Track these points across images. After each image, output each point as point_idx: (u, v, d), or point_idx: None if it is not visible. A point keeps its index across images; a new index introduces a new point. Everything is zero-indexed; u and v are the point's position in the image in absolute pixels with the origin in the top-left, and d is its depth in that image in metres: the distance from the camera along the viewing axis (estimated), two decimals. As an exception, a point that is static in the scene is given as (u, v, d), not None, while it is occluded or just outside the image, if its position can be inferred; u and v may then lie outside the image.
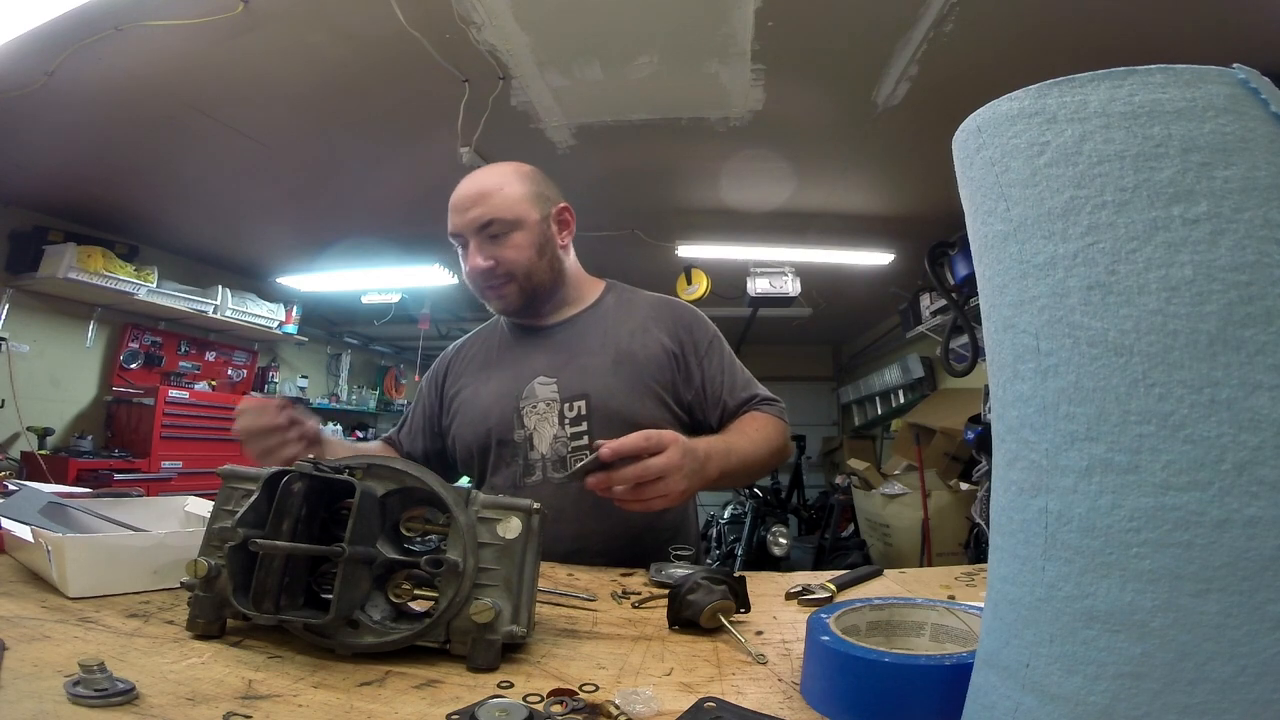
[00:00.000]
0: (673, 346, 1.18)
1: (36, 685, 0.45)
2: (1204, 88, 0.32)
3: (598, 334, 1.19)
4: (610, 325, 1.20)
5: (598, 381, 1.12)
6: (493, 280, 1.13)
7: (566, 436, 1.10)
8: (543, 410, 1.13)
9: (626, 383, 1.13)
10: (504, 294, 1.15)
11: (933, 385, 4.77)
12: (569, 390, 1.12)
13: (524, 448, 1.12)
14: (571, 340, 1.19)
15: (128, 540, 0.71)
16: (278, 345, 5.31)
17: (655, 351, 1.17)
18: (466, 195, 1.13)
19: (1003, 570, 0.36)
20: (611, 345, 1.17)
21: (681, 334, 1.20)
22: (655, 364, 1.16)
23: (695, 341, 1.20)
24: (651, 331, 1.19)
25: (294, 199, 3.44)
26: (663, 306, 1.25)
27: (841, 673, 0.47)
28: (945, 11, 1.89)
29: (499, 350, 1.24)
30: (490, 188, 1.13)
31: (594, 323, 1.21)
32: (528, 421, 1.13)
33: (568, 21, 2.03)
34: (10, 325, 3.49)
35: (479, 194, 1.12)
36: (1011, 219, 0.36)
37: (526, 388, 1.15)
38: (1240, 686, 0.28)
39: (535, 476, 1.11)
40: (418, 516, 0.62)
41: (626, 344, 1.17)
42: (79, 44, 2.02)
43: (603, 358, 1.15)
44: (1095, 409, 0.32)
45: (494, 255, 1.12)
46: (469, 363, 1.26)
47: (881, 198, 3.31)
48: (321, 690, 0.49)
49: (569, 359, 1.16)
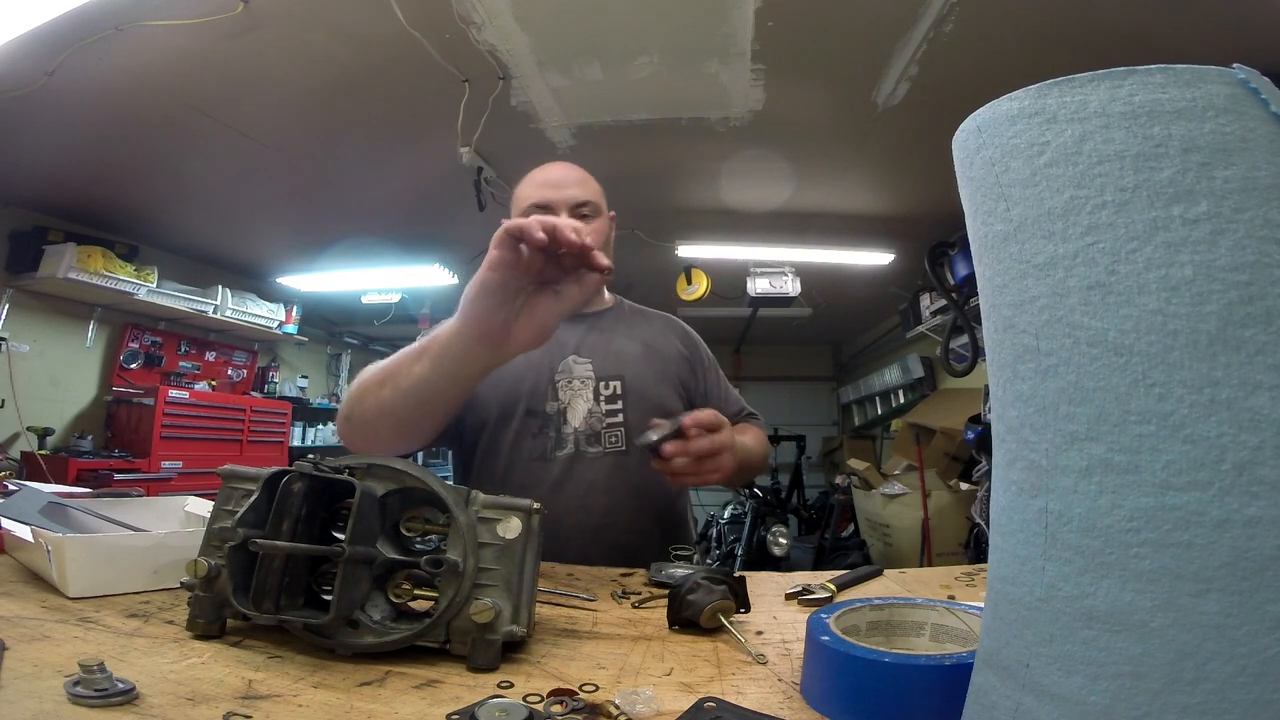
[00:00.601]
0: (687, 354, 1.31)
1: (36, 685, 0.45)
2: (1204, 88, 0.32)
3: (624, 329, 1.28)
4: (633, 324, 1.31)
5: (632, 367, 1.20)
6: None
7: (602, 413, 1.16)
8: (577, 386, 1.17)
9: (656, 372, 1.22)
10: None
11: (933, 385, 4.77)
12: (605, 370, 1.18)
13: (556, 420, 1.14)
14: (600, 329, 1.25)
15: (128, 540, 0.71)
16: (278, 345, 5.31)
17: (674, 353, 1.29)
18: (563, 175, 1.20)
19: (1003, 570, 0.36)
20: (638, 340, 1.26)
21: (691, 347, 1.34)
22: (675, 362, 1.27)
23: (700, 356, 1.34)
24: (670, 338, 1.32)
25: (294, 199, 3.44)
26: (674, 321, 1.38)
27: (841, 673, 0.47)
28: (945, 11, 1.90)
29: None
30: (584, 177, 1.22)
31: (618, 320, 1.30)
32: (562, 395, 1.16)
33: (568, 21, 2.03)
34: (10, 325, 3.49)
35: (581, 178, 1.21)
36: (1011, 219, 0.36)
37: (562, 363, 1.18)
38: (1240, 686, 0.28)
39: (567, 449, 1.13)
40: (418, 516, 0.62)
41: (651, 341, 1.27)
42: (79, 44, 2.02)
43: (634, 346, 1.23)
44: (1095, 409, 0.32)
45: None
46: None
47: (881, 198, 3.31)
48: (321, 690, 0.49)
49: (602, 343, 1.22)
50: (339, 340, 6.14)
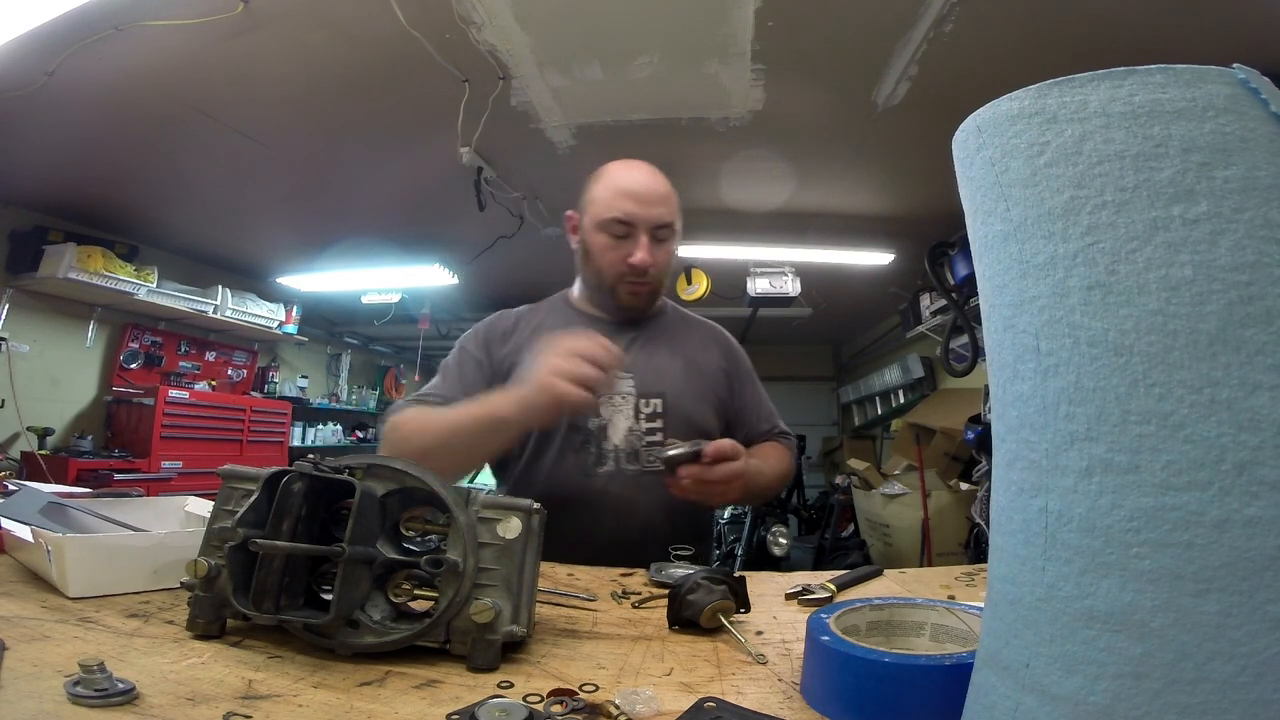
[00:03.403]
0: (726, 367, 1.29)
1: (36, 685, 0.45)
2: (1204, 88, 0.32)
3: (667, 340, 1.26)
4: (675, 336, 1.28)
5: (672, 384, 1.19)
6: (641, 277, 1.16)
7: (641, 431, 1.15)
8: (619, 403, 1.16)
9: (695, 390, 1.21)
10: (639, 292, 1.19)
11: (933, 385, 4.76)
12: (645, 387, 1.17)
13: (597, 436, 1.14)
14: (644, 341, 1.24)
15: (128, 540, 0.71)
16: (278, 345, 5.31)
17: (715, 368, 1.27)
18: (649, 187, 1.16)
19: (1003, 570, 0.36)
20: (680, 354, 1.24)
21: (731, 359, 1.32)
22: (714, 378, 1.26)
23: (739, 369, 1.32)
24: (711, 350, 1.30)
25: (294, 199, 3.44)
26: (716, 330, 1.37)
27: (841, 673, 0.47)
28: (945, 11, 1.89)
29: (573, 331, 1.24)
30: (669, 191, 1.18)
31: (662, 330, 1.28)
32: (604, 411, 1.15)
33: (568, 21, 2.03)
34: (10, 325, 3.49)
35: (666, 194, 1.17)
36: (1011, 219, 0.36)
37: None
38: (1240, 686, 0.28)
39: (608, 466, 1.13)
40: (418, 516, 0.62)
41: (693, 356, 1.25)
42: (79, 44, 2.02)
43: (675, 364, 1.22)
44: (1095, 409, 0.32)
45: (656, 256, 1.16)
46: (534, 333, 1.23)
47: (881, 198, 3.31)
48: (321, 690, 0.49)
49: (644, 358, 1.20)
50: (339, 340, 6.14)
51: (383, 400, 6.80)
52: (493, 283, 4.52)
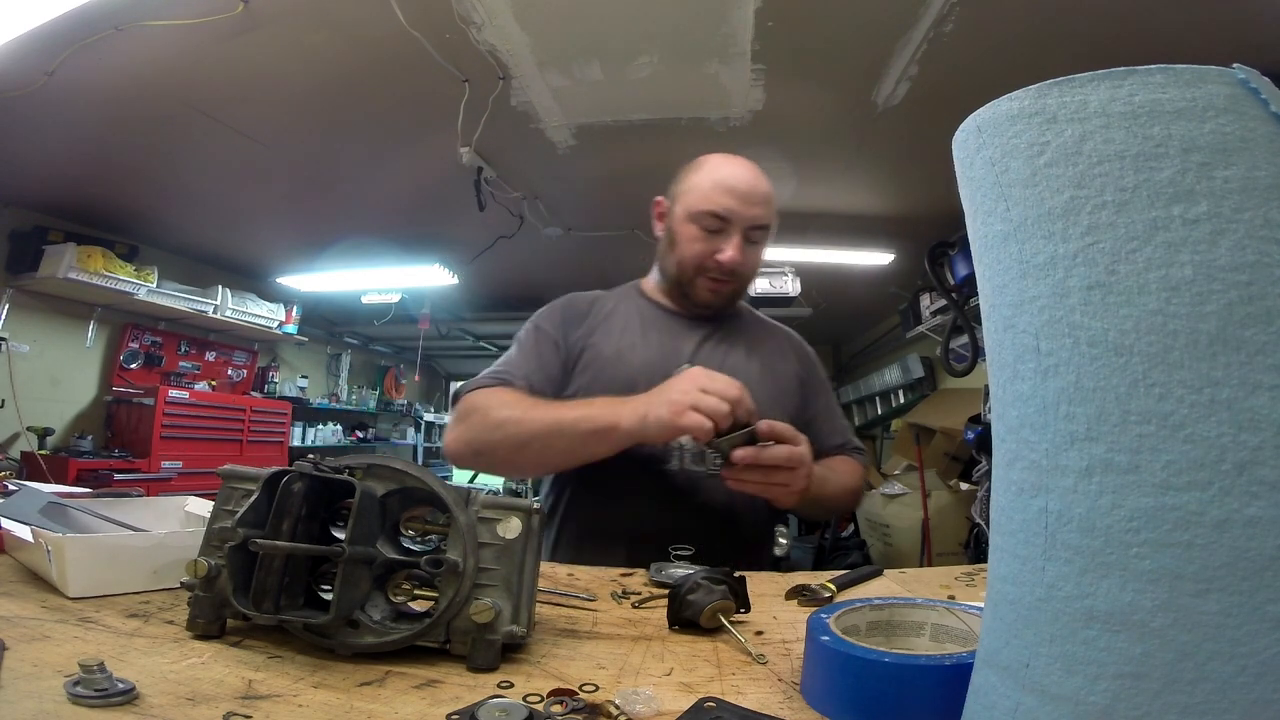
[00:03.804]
0: (802, 375, 1.25)
1: (36, 685, 0.45)
2: (1204, 88, 0.32)
3: (744, 342, 1.21)
4: (752, 338, 1.24)
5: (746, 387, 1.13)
6: (726, 276, 1.13)
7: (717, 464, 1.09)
8: None
9: (770, 395, 1.14)
10: (721, 291, 1.15)
11: (933, 385, 4.76)
12: None
13: None
14: (719, 340, 1.20)
15: (128, 540, 0.71)
16: (278, 345, 5.32)
17: (790, 375, 1.23)
18: (751, 185, 1.11)
19: (1003, 570, 0.36)
20: (756, 358, 1.19)
21: (807, 367, 1.27)
22: (789, 386, 1.21)
23: (814, 378, 1.28)
24: (789, 356, 1.26)
25: (294, 199, 3.44)
26: (793, 337, 1.32)
27: (841, 673, 0.47)
28: (945, 11, 1.89)
29: (644, 322, 1.20)
30: (771, 193, 1.14)
31: (738, 330, 1.24)
32: None
33: (568, 21, 2.03)
34: (10, 325, 3.49)
35: (768, 194, 1.12)
36: (1011, 219, 0.36)
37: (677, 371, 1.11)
38: (1240, 686, 0.28)
39: (672, 464, 1.09)
40: (418, 516, 0.62)
41: (769, 361, 1.21)
42: (79, 44, 2.02)
43: (750, 367, 1.17)
44: (1095, 409, 0.32)
45: (745, 256, 1.12)
46: (606, 319, 1.21)
47: (881, 198, 3.31)
48: (321, 690, 0.49)
49: (718, 356, 1.16)
50: (339, 340, 6.14)
51: (382, 400, 6.80)
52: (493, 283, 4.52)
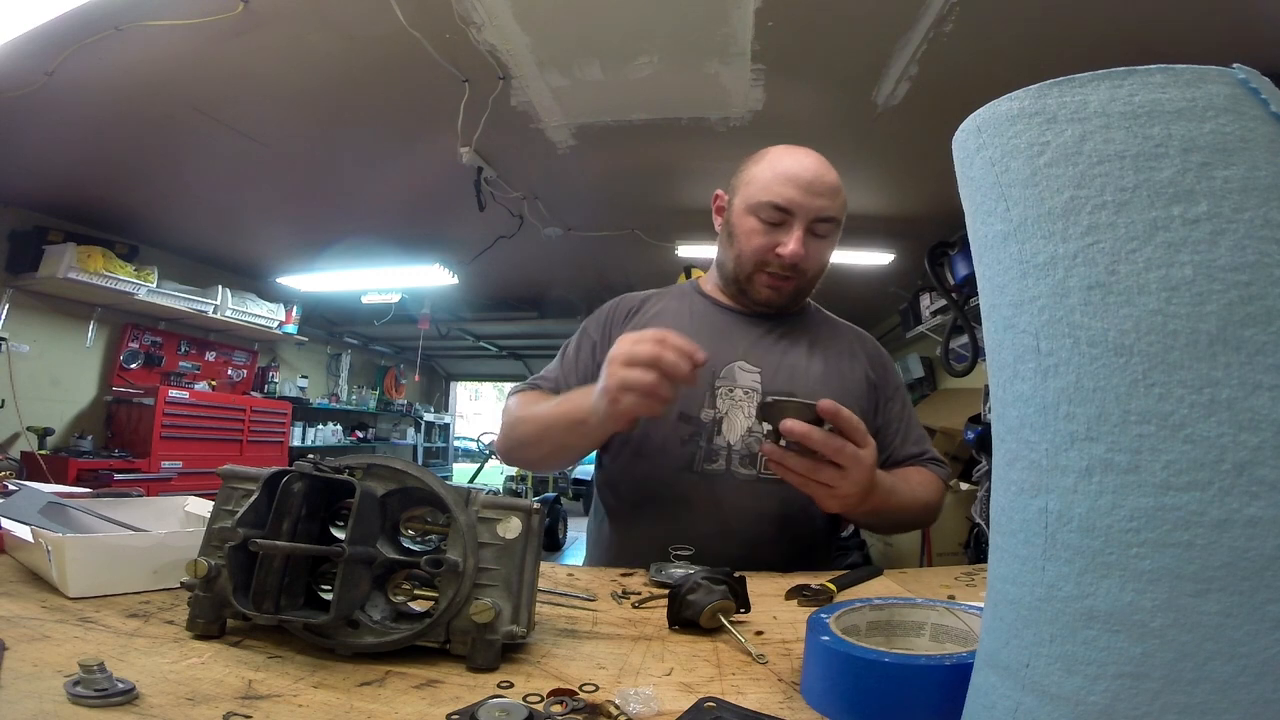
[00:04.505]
0: (874, 378, 1.15)
1: (36, 685, 0.45)
2: (1204, 88, 0.32)
3: (805, 340, 1.14)
4: (816, 336, 1.16)
5: (805, 386, 1.05)
6: (787, 272, 1.05)
7: (762, 432, 1.00)
8: (739, 397, 1.05)
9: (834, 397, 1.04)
10: (782, 287, 1.08)
11: (933, 385, 4.77)
12: (774, 386, 1.05)
13: (709, 429, 1.03)
14: (778, 336, 1.13)
15: (128, 540, 0.71)
16: (278, 345, 5.32)
17: (859, 378, 1.13)
18: (816, 174, 1.03)
19: (1003, 570, 0.36)
20: (820, 357, 1.12)
21: (879, 370, 1.17)
22: (857, 389, 1.12)
23: (887, 382, 1.17)
24: (859, 357, 1.16)
25: (294, 199, 3.45)
26: (865, 338, 1.23)
27: (841, 673, 0.47)
28: (945, 11, 1.90)
29: (696, 318, 1.15)
30: (839, 185, 1.06)
31: (801, 328, 1.16)
32: (720, 404, 1.04)
33: (568, 21, 2.03)
34: (10, 325, 3.49)
35: (835, 186, 1.05)
36: (1011, 219, 0.36)
37: (726, 368, 1.06)
38: (1240, 686, 0.28)
39: (718, 464, 1.03)
40: (418, 516, 0.62)
41: (835, 362, 1.13)
42: (79, 44, 2.02)
43: (813, 365, 1.10)
44: (1095, 409, 0.32)
45: (809, 250, 1.04)
46: (656, 318, 1.16)
47: (881, 198, 3.31)
48: (321, 690, 0.49)
49: (776, 354, 1.10)
50: (339, 340, 6.15)
51: (383, 400, 6.81)
52: (493, 283, 4.53)
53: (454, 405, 9.37)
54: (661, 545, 0.91)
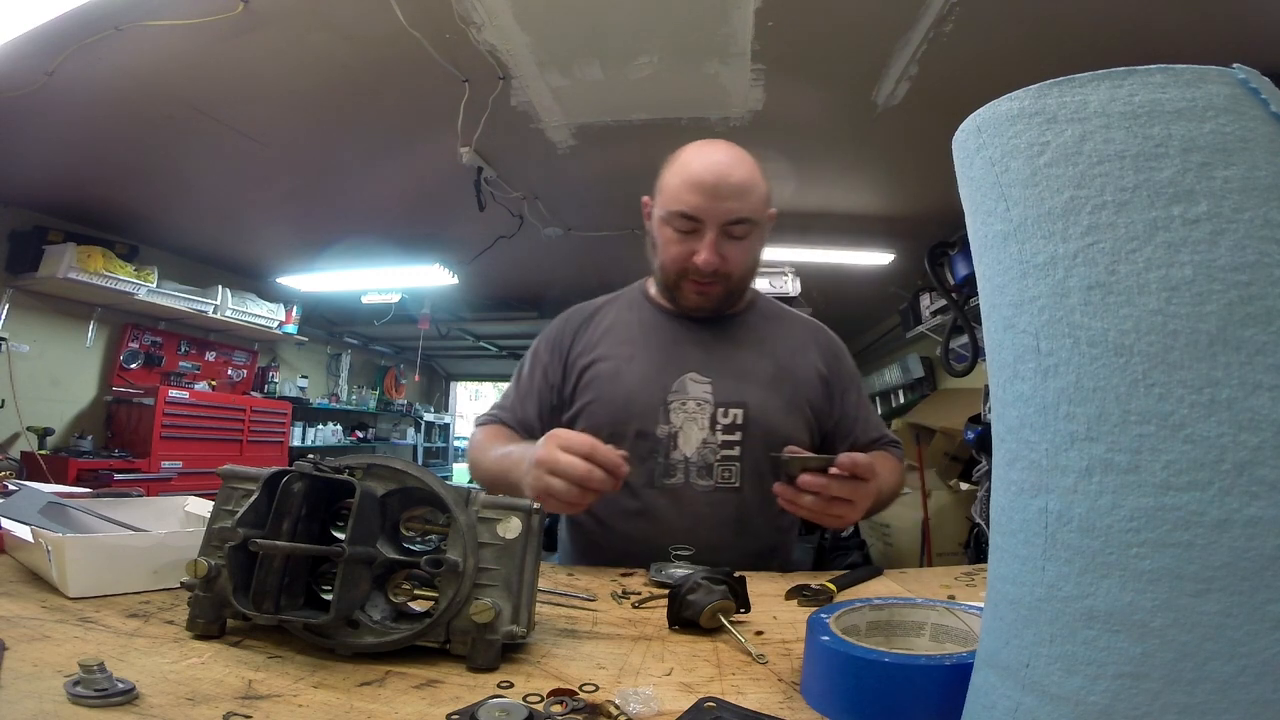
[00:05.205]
0: (825, 372, 1.15)
1: (36, 685, 0.45)
2: (1204, 88, 0.32)
3: (754, 341, 1.14)
4: (766, 336, 1.16)
5: (756, 393, 1.07)
6: (708, 277, 1.05)
7: (717, 443, 1.05)
8: (692, 410, 1.06)
9: (784, 400, 1.09)
10: (708, 293, 1.08)
11: (933, 385, 4.77)
12: (725, 395, 1.06)
13: (665, 445, 1.05)
14: (727, 341, 1.13)
15: (128, 540, 0.71)
16: (278, 345, 5.32)
17: (810, 374, 1.14)
18: (723, 174, 1.01)
19: (1003, 570, 0.36)
20: (769, 357, 1.12)
21: (832, 362, 1.18)
22: (810, 386, 1.13)
23: (842, 374, 1.18)
24: (810, 352, 1.16)
25: (294, 199, 3.44)
26: (817, 330, 1.23)
27: (841, 673, 0.47)
28: (945, 11, 1.89)
29: (645, 329, 1.15)
30: (749, 182, 1.03)
31: (748, 328, 1.16)
32: (674, 418, 1.06)
33: (568, 21, 2.03)
34: (10, 325, 3.49)
35: (742, 187, 1.02)
36: (1011, 219, 0.36)
37: (677, 381, 1.07)
38: (1240, 686, 0.28)
39: (676, 479, 1.04)
40: (418, 516, 0.62)
41: (786, 360, 1.13)
42: (79, 44, 2.02)
43: (761, 368, 1.10)
44: (1095, 409, 0.32)
45: (726, 254, 1.03)
46: (607, 333, 1.16)
47: (881, 198, 3.31)
48: (321, 690, 0.49)
49: (725, 361, 1.10)
50: (339, 340, 6.15)
51: (383, 400, 6.81)
52: (493, 283, 4.52)
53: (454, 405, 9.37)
54: (627, 556, 0.94)
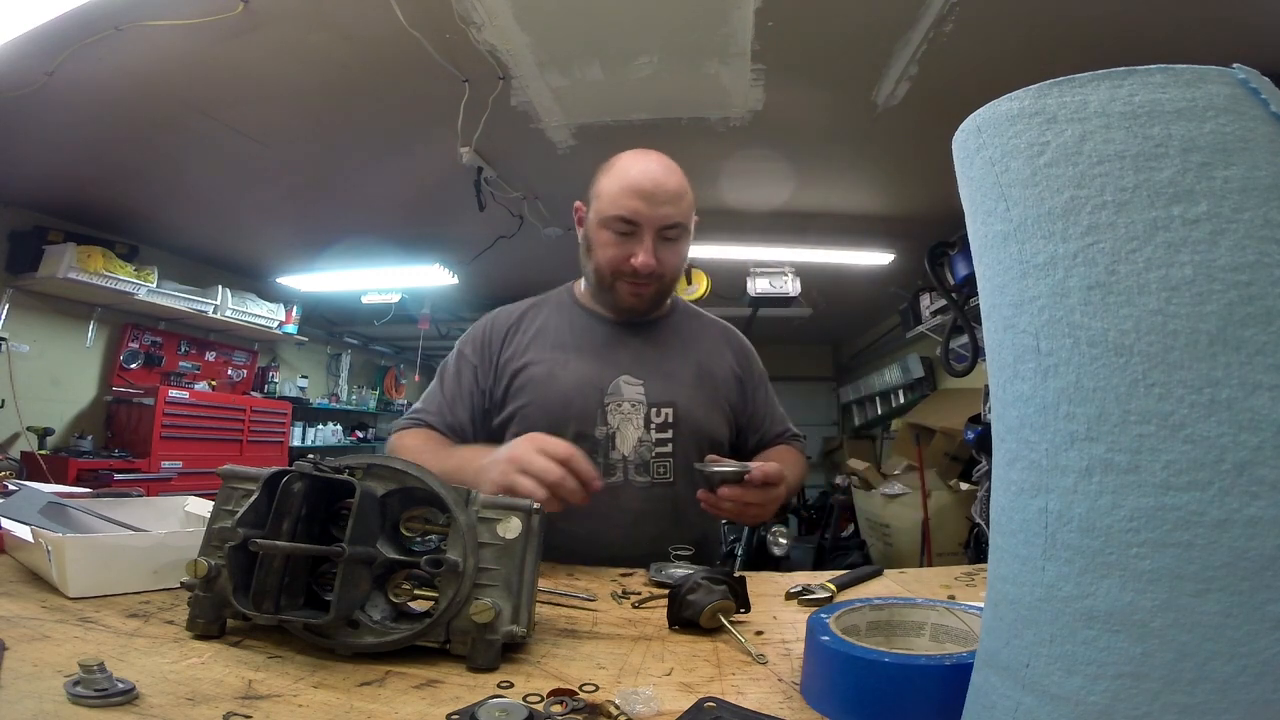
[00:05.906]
0: (739, 372, 1.25)
1: (36, 685, 0.45)
2: (1204, 88, 0.32)
3: (678, 344, 1.22)
4: (687, 338, 1.24)
5: (684, 393, 1.15)
6: (643, 279, 1.11)
7: (652, 441, 1.12)
8: (627, 411, 1.12)
9: (707, 398, 1.17)
10: (642, 294, 1.14)
11: (933, 385, 4.77)
12: (656, 396, 1.13)
13: (605, 445, 1.10)
14: (654, 344, 1.20)
15: (128, 540, 0.71)
16: (278, 345, 5.31)
17: (728, 374, 1.23)
18: (666, 188, 1.09)
19: (1003, 570, 0.36)
20: (693, 359, 1.20)
21: (744, 363, 1.28)
22: (727, 385, 1.22)
23: (752, 373, 1.28)
24: (725, 354, 1.26)
25: (294, 199, 3.44)
26: (730, 333, 1.32)
27: (841, 673, 0.47)
28: (945, 11, 1.89)
29: (577, 333, 1.20)
30: (681, 189, 1.12)
31: (672, 331, 1.24)
32: (611, 419, 1.11)
33: (568, 21, 2.03)
34: (10, 325, 3.49)
35: (677, 191, 1.10)
36: (1011, 219, 0.36)
37: (613, 383, 1.13)
38: (1240, 686, 0.28)
39: (616, 478, 1.10)
40: (418, 516, 0.62)
41: (706, 361, 1.21)
42: (79, 44, 2.02)
43: (686, 370, 1.18)
44: (1095, 409, 0.32)
45: (660, 257, 1.10)
46: (536, 336, 1.20)
47: (881, 198, 3.31)
48: (321, 690, 0.49)
49: (655, 363, 1.16)
50: (339, 340, 6.14)
51: (383, 400, 6.80)
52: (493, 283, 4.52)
53: (454, 405, 9.36)
54: (571, 555, 0.99)
